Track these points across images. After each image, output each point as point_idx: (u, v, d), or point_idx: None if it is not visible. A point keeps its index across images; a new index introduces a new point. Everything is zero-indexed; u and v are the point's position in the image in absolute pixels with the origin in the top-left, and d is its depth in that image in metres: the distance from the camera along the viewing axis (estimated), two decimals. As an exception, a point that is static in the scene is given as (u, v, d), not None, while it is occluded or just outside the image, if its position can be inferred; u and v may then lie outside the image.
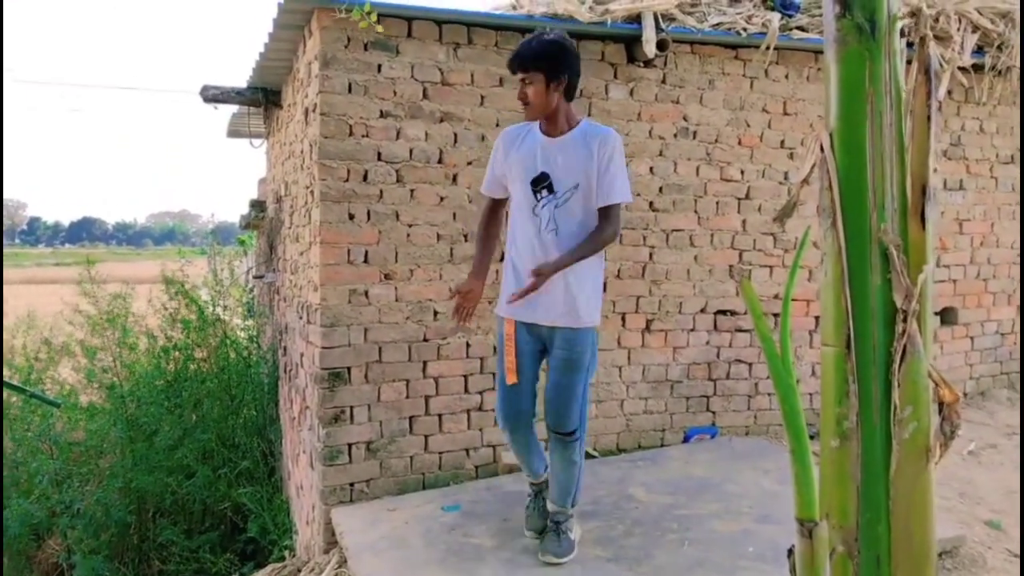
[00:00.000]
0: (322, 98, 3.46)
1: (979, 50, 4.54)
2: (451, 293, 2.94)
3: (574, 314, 2.77)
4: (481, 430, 3.78)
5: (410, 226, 3.63)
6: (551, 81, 2.73)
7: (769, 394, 4.29)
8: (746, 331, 4.26)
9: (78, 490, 5.63)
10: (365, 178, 3.55)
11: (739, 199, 4.22)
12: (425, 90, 3.62)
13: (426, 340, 3.68)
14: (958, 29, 4.40)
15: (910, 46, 3.25)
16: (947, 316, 4.86)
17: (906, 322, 0.92)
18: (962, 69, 4.51)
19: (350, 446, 3.57)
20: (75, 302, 6.47)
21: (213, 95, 5.25)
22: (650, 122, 4.02)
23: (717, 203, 4.18)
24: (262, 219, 6.48)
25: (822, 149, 0.95)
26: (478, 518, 3.25)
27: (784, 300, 1.05)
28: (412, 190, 3.63)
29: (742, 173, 4.21)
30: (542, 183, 2.80)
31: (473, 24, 3.67)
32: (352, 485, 3.58)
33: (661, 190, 4.06)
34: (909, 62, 0.99)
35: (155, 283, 6.36)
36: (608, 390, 4.03)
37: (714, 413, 4.26)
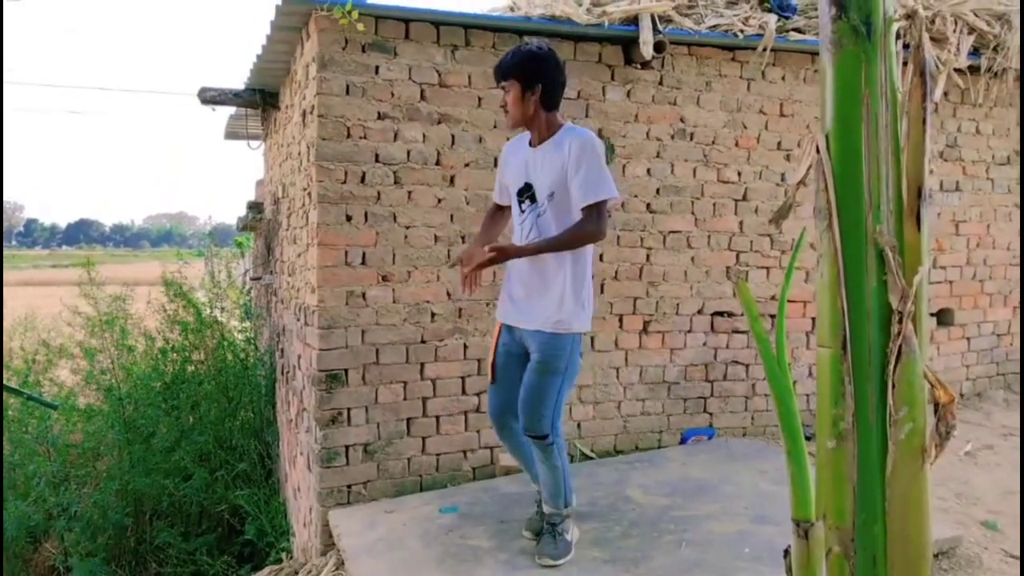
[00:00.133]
0: (320, 100, 3.46)
1: (975, 52, 4.55)
2: (454, 263, 2.96)
3: (553, 319, 2.78)
4: (478, 432, 3.77)
5: (408, 228, 3.63)
6: (526, 90, 2.79)
7: (766, 395, 4.29)
8: (743, 332, 4.26)
9: (75, 492, 5.62)
10: (363, 180, 3.55)
11: (736, 200, 4.22)
12: (423, 92, 3.62)
13: (423, 342, 3.68)
14: (954, 31, 4.41)
15: (906, 48, 3.26)
16: (943, 317, 4.87)
17: (902, 323, 0.92)
18: (958, 71, 4.52)
19: (347, 448, 3.57)
20: (74, 304, 6.46)
21: (211, 97, 5.25)
22: (647, 124, 4.02)
23: (714, 204, 4.18)
24: (259, 221, 6.48)
25: (818, 151, 0.96)
26: (475, 520, 3.25)
27: (780, 302, 1.05)
28: (410, 192, 3.63)
29: (739, 175, 4.22)
30: (526, 193, 2.87)
31: (470, 26, 3.68)
32: (349, 487, 3.58)
33: (658, 192, 4.07)
34: (905, 64, 0.99)
35: (153, 285, 6.35)
36: (605, 391, 4.03)
37: (711, 414, 4.26)
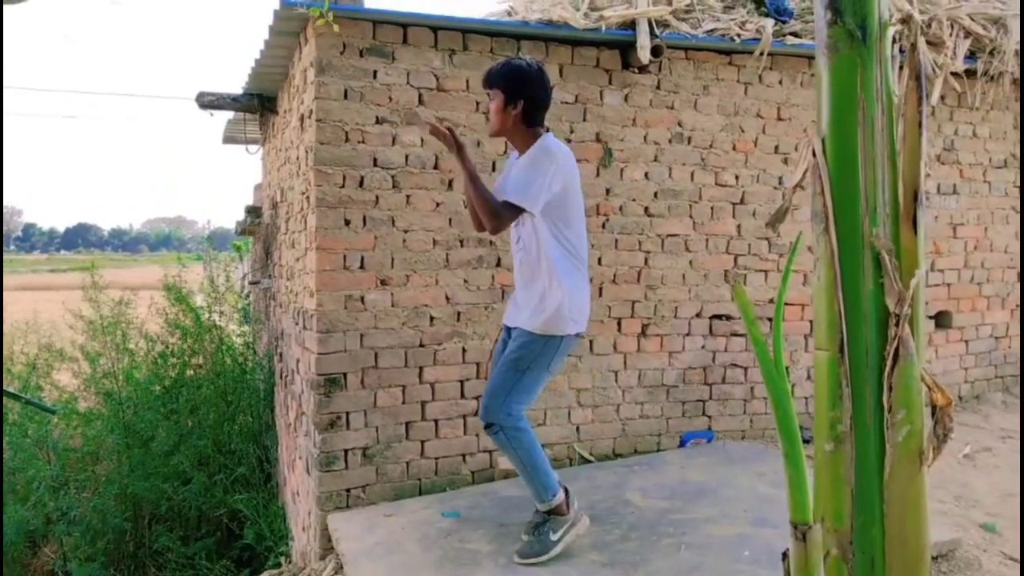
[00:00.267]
0: (318, 104, 3.47)
1: (971, 56, 4.57)
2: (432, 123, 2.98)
3: (532, 320, 2.84)
4: (477, 435, 3.77)
5: (406, 232, 3.64)
6: (508, 102, 2.85)
7: (764, 398, 4.30)
8: (741, 335, 4.27)
9: (75, 497, 5.61)
10: (361, 184, 3.55)
11: (734, 204, 4.23)
12: (421, 96, 3.63)
13: (422, 346, 3.68)
14: (950, 35, 4.43)
15: (902, 52, 3.27)
16: (942, 320, 4.87)
17: (899, 326, 0.92)
18: (955, 74, 4.54)
19: (346, 452, 3.57)
20: (76, 308, 6.48)
21: (209, 101, 5.26)
22: (645, 128, 4.03)
23: (712, 208, 4.19)
24: (258, 225, 6.48)
25: (814, 155, 0.96)
26: (474, 523, 3.24)
27: (777, 305, 1.06)
28: (408, 196, 3.63)
29: (737, 178, 4.23)
30: None
31: (468, 31, 3.69)
32: (348, 491, 3.58)
33: (656, 195, 4.07)
34: (901, 68, 1.00)
35: (152, 289, 6.36)
36: (604, 395, 4.03)
37: (710, 417, 4.26)
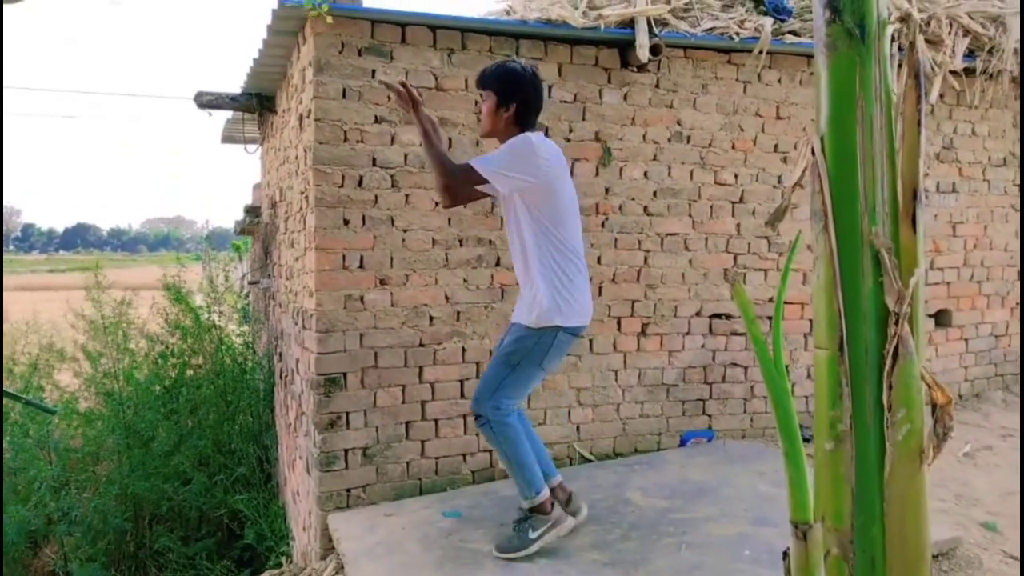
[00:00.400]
0: (316, 104, 3.46)
1: (970, 54, 4.56)
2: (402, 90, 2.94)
3: (525, 315, 2.89)
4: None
5: (405, 231, 3.64)
6: (500, 105, 2.87)
7: (765, 397, 4.30)
8: (741, 334, 4.27)
9: (75, 497, 5.61)
10: (360, 183, 3.55)
11: (733, 203, 4.23)
12: (419, 95, 3.62)
13: (422, 345, 3.68)
14: (949, 33, 4.43)
15: (901, 51, 3.27)
16: (941, 318, 4.87)
17: (898, 325, 0.92)
18: (954, 73, 4.54)
19: (346, 452, 3.57)
20: (78, 308, 6.48)
21: (207, 101, 5.26)
22: (644, 126, 4.03)
23: (711, 207, 4.19)
24: (257, 224, 6.48)
25: (813, 153, 0.96)
26: (475, 523, 3.24)
27: (776, 303, 1.06)
28: (407, 195, 3.63)
29: (736, 177, 4.23)
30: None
31: (467, 30, 3.68)
32: (349, 491, 3.57)
33: (655, 194, 4.07)
34: (900, 66, 1.00)
35: (152, 290, 6.36)
36: (604, 394, 4.03)
37: (710, 416, 4.26)
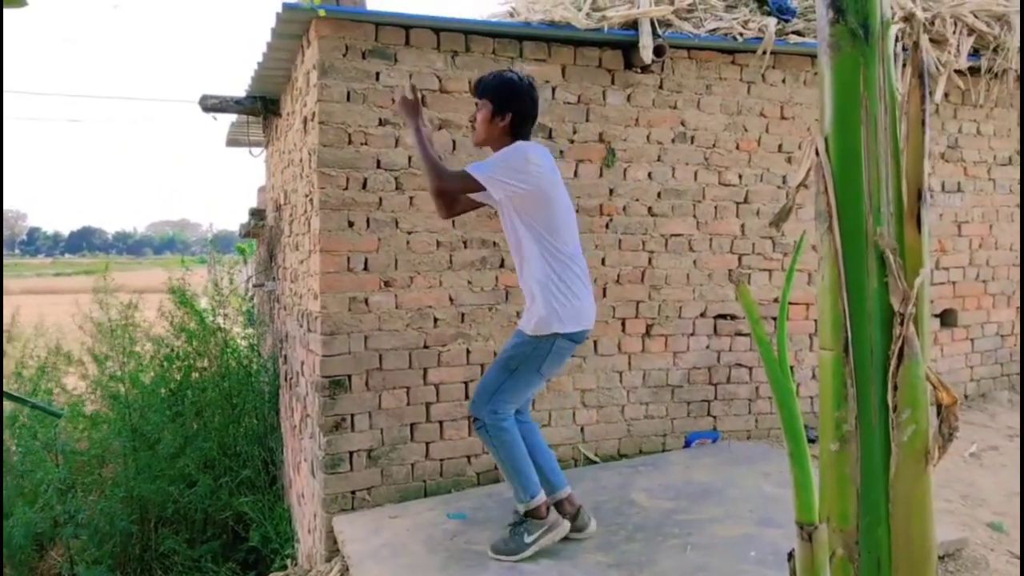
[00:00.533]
0: (320, 107, 3.47)
1: (975, 53, 4.55)
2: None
3: (525, 321, 2.92)
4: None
5: (409, 233, 3.64)
6: (496, 114, 2.87)
7: (770, 398, 4.29)
8: (746, 335, 4.26)
9: (82, 499, 5.62)
10: (364, 186, 3.56)
11: (737, 203, 4.22)
12: (423, 98, 3.62)
13: (426, 347, 3.68)
14: (954, 32, 4.42)
15: (906, 50, 3.26)
16: (947, 318, 4.86)
17: (903, 325, 0.92)
18: (958, 72, 4.52)
19: (351, 454, 3.57)
20: (86, 311, 6.51)
21: (212, 104, 5.27)
22: (648, 127, 4.03)
23: (716, 207, 4.18)
24: (262, 227, 6.49)
25: (817, 153, 0.96)
26: (480, 525, 3.24)
27: (781, 304, 1.05)
28: (411, 197, 3.64)
29: (740, 177, 4.22)
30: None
31: (470, 32, 3.69)
32: (353, 493, 3.58)
33: (659, 195, 4.07)
34: (904, 66, 1.00)
35: (158, 293, 6.38)
36: (609, 395, 4.03)
37: (715, 418, 4.25)
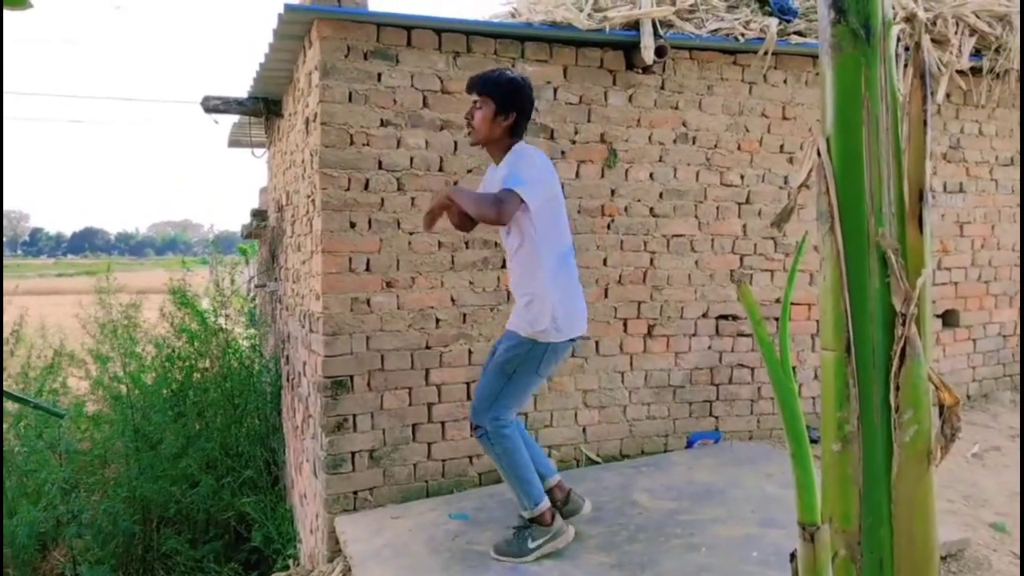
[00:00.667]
0: (322, 107, 3.47)
1: (977, 53, 4.55)
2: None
3: (519, 322, 2.88)
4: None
5: (411, 234, 3.64)
6: (499, 112, 2.83)
7: (771, 398, 4.29)
8: (748, 335, 4.26)
9: (85, 499, 5.63)
10: (366, 187, 3.56)
11: (739, 204, 4.22)
12: (425, 98, 3.63)
13: (428, 348, 3.69)
14: (955, 32, 4.41)
15: (907, 51, 3.26)
16: (949, 318, 4.86)
17: (905, 325, 0.92)
18: (960, 72, 4.52)
19: (353, 454, 3.57)
20: (88, 312, 6.52)
21: (214, 105, 5.28)
22: (649, 128, 4.03)
23: (717, 208, 4.18)
24: (263, 228, 6.50)
25: (819, 154, 0.96)
26: (481, 525, 3.24)
27: (783, 304, 1.06)
28: (413, 198, 3.64)
29: (742, 178, 4.22)
30: None
31: (472, 32, 3.69)
32: (356, 493, 3.58)
33: (661, 196, 4.07)
34: (906, 66, 1.00)
35: (160, 293, 6.39)
36: (611, 396, 4.03)
37: (717, 418, 4.25)
